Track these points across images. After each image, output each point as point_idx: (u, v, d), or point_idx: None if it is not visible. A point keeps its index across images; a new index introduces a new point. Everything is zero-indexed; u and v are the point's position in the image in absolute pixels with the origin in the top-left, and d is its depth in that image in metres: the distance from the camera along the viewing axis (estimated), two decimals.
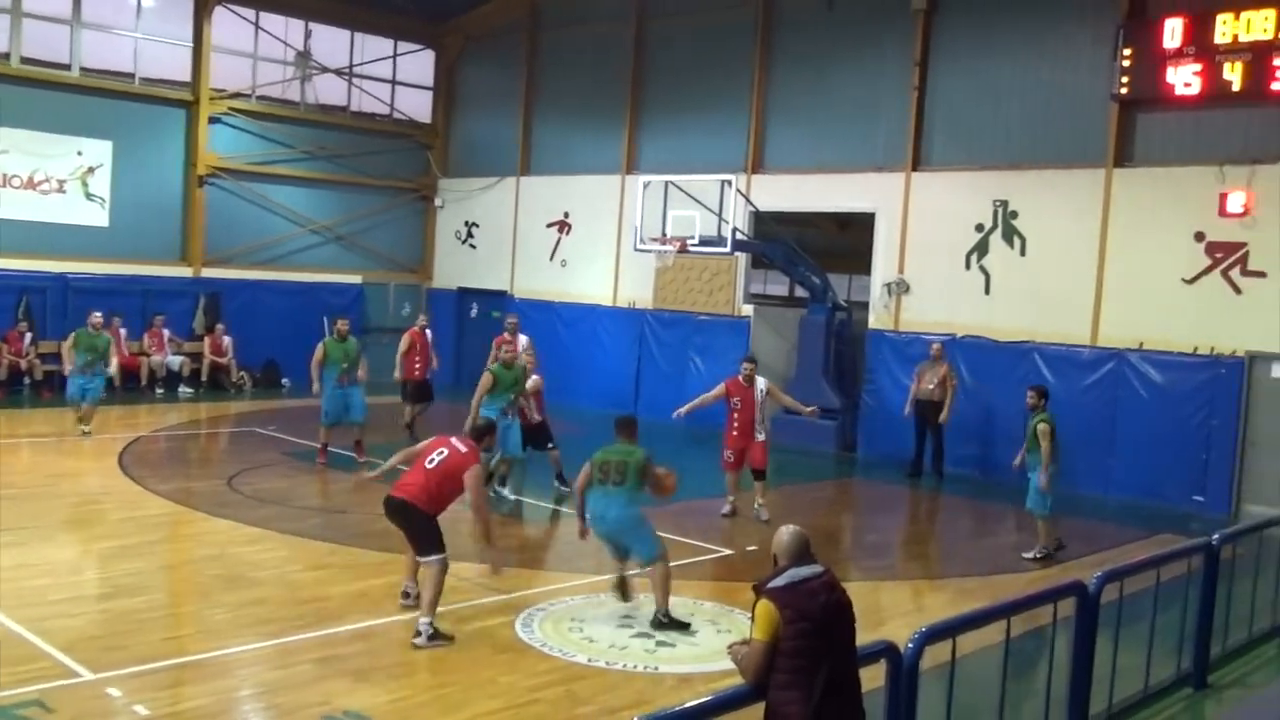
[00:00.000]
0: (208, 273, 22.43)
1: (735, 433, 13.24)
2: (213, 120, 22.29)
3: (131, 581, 9.52)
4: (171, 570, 10.47)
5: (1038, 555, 11.91)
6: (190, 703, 7.17)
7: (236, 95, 22.72)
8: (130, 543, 10.76)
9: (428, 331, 18.02)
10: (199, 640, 8.26)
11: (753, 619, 4.82)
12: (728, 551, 11.77)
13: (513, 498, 13.83)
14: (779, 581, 4.85)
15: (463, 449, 8.75)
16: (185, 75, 22.06)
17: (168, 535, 11.54)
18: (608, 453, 9.21)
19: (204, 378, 21.52)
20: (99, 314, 16.67)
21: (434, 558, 8.44)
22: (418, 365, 17.53)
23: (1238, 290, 15.07)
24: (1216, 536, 8.06)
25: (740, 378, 13.31)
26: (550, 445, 14.33)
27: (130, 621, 8.45)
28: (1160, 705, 7.56)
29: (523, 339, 16.30)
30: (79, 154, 20.67)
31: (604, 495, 9.05)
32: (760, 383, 13.25)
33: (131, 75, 21.43)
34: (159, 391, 20.70)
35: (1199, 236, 15.35)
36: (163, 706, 7.04)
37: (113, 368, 17.16)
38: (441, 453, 8.70)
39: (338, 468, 14.69)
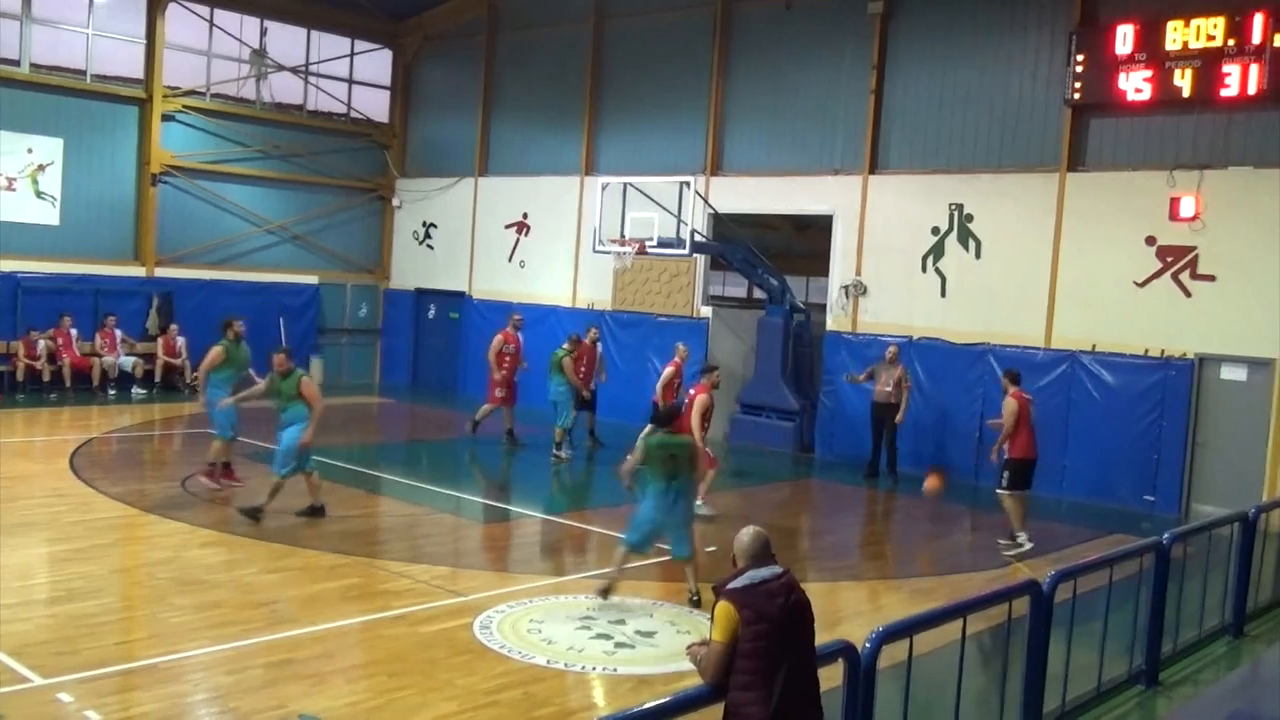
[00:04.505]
0: (161, 272, 22.16)
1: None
2: (166, 118, 22.03)
3: (83, 585, 9.38)
4: (124, 574, 10.32)
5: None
6: (143, 708, 7.07)
7: (190, 93, 22.46)
8: (82, 546, 10.61)
9: (598, 345, 18.27)
10: (152, 644, 8.16)
11: (712, 620, 4.84)
12: None
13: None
14: (738, 583, 4.86)
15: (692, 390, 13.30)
16: (138, 72, 21.79)
17: (120, 538, 11.39)
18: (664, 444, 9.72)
19: (157, 379, 21.25)
20: None
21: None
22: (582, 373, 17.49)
23: (1188, 293, 15.31)
24: (1167, 536, 8.16)
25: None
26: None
27: (82, 626, 8.33)
28: (1113, 703, 7.65)
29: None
30: (29, 151, 20.33)
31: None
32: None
33: (83, 72, 21.12)
34: (111, 392, 20.41)
35: (1150, 240, 15.57)
36: (115, 712, 6.95)
37: None
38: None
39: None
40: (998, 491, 12.62)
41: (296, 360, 13.00)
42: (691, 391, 13.49)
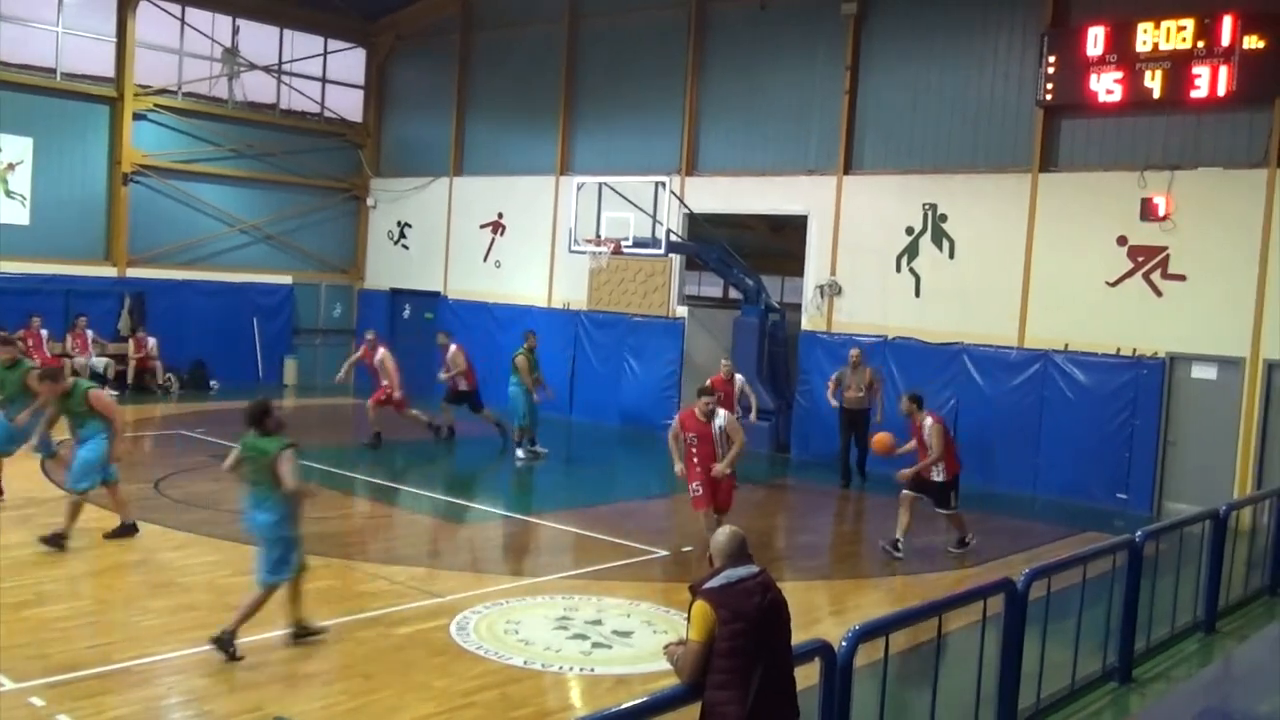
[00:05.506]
0: (133, 272, 21.98)
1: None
2: (137, 117, 21.86)
3: (55, 588, 9.31)
4: (96, 576, 10.23)
5: None
6: (116, 711, 7.01)
7: (162, 91, 22.30)
8: (53, 549, 10.50)
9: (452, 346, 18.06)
10: (125, 647, 8.09)
11: (689, 619, 4.84)
12: (663, 552, 11.80)
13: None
14: (715, 582, 4.87)
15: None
16: (109, 71, 21.61)
17: (92, 541, 11.25)
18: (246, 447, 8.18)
19: (129, 380, 21.08)
20: None
21: None
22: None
23: (1158, 293, 15.44)
24: (1140, 533, 8.23)
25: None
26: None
27: (54, 629, 8.26)
28: (1086, 699, 7.71)
29: (381, 350, 17.45)
30: None
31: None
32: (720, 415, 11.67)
33: (53, 70, 20.93)
34: None
35: (1121, 240, 15.70)
36: (88, 715, 6.89)
37: None
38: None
39: None
40: (946, 514, 12.40)
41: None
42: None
